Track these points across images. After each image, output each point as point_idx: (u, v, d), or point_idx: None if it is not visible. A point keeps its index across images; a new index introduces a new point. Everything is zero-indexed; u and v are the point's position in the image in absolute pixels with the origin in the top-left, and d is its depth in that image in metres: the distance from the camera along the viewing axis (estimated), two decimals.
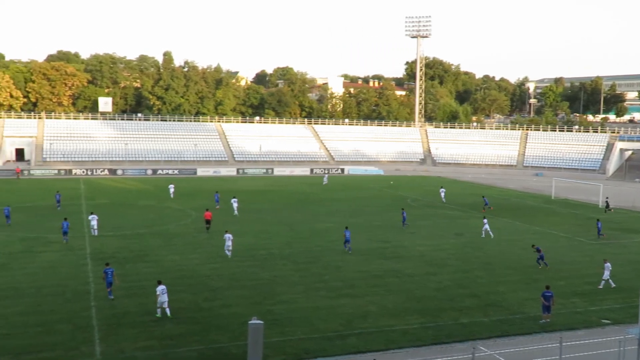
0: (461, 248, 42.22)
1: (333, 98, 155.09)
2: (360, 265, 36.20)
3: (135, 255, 37.37)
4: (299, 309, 27.66)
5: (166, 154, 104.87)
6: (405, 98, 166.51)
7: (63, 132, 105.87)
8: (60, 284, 30.69)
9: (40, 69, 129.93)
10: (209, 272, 33.80)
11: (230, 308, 27.59)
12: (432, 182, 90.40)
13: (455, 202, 66.41)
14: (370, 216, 55.10)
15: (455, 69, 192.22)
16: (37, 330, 24.15)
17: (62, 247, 39.08)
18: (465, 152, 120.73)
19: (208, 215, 46.52)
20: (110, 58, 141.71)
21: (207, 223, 46.13)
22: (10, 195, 62.85)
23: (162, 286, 26.44)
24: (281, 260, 37.01)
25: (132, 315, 26.19)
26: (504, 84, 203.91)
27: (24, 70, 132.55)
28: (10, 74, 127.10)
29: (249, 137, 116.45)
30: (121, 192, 71.08)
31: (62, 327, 24.54)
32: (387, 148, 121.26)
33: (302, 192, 73.70)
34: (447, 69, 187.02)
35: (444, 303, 29.18)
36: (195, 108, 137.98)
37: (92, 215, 44.61)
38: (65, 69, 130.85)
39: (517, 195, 75.61)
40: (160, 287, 26.41)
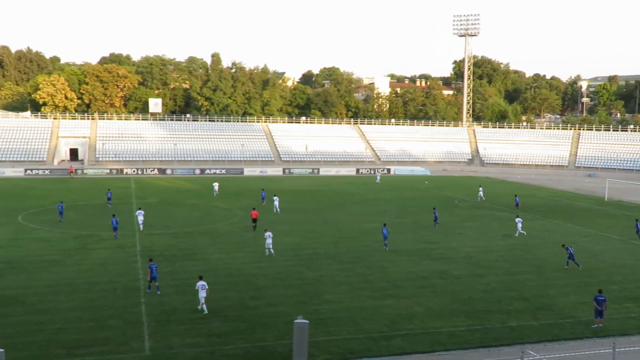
0: (510, 250, 41.45)
1: (379, 98, 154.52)
2: (406, 266, 35.95)
3: (184, 254, 38.03)
4: (344, 309, 27.66)
5: (214, 154, 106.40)
6: (452, 98, 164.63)
7: (115, 132, 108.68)
8: (112, 280, 31.51)
9: (94, 71, 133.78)
10: (254, 270, 34.13)
11: (275, 307, 27.79)
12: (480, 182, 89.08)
13: (503, 203, 65.28)
14: (416, 216, 54.67)
15: (505, 67, 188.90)
16: (89, 325, 24.85)
17: (114, 245, 40.11)
18: (514, 152, 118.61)
19: (254, 214, 47.05)
20: (160, 60, 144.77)
21: (254, 222, 46.70)
22: (64, 194, 64.85)
23: (202, 282, 27.00)
24: (326, 260, 37.08)
25: (180, 312, 26.67)
26: (555, 83, 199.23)
27: (78, 72, 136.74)
28: (65, 77, 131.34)
29: (295, 137, 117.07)
30: (170, 191, 72.47)
31: (113, 323, 25.19)
32: (434, 148, 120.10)
33: (348, 192, 73.65)
34: (496, 68, 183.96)
35: (492, 305, 28.70)
36: (243, 108, 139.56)
37: (139, 211, 46.07)
38: (117, 71, 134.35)
39: (568, 196, 73.82)
40: (200, 282, 26.97)
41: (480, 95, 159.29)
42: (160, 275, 32.25)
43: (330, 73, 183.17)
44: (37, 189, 71.31)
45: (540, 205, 64.81)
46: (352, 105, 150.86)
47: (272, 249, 37.91)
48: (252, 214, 47.31)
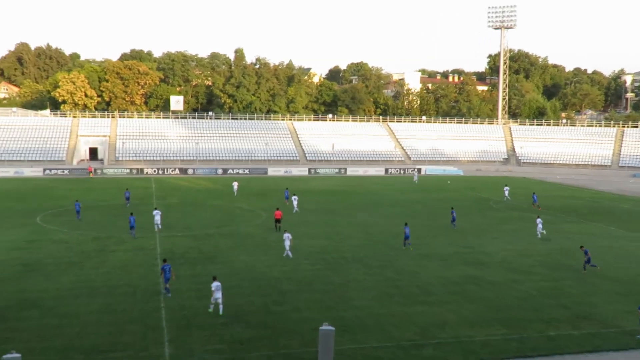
0: (548, 254, 40.86)
1: (410, 94, 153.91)
2: (438, 271, 35.67)
3: (205, 256, 38.26)
4: (371, 316, 27.52)
5: (237, 153, 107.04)
6: (487, 93, 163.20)
7: (135, 131, 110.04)
8: (132, 283, 31.81)
9: (114, 68, 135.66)
10: (279, 274, 34.17)
11: (300, 312, 27.77)
12: (517, 183, 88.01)
13: (542, 205, 64.42)
14: (449, 219, 54.20)
15: (543, 61, 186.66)
16: (108, 330, 25.10)
17: (134, 247, 40.53)
18: (553, 151, 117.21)
19: (278, 215, 47.41)
20: (182, 56, 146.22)
21: (277, 222, 47.07)
22: (84, 194, 65.78)
23: (217, 282, 27.46)
24: (354, 264, 36.97)
25: (201, 317, 26.79)
26: (597, 77, 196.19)
27: (98, 69, 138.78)
28: (85, 74, 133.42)
29: (321, 135, 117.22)
30: (191, 191, 73.04)
31: (132, 328, 25.41)
32: (468, 147, 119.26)
33: (377, 193, 73.40)
34: (534, 62, 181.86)
35: (529, 314, 28.30)
36: (267, 106, 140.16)
37: (155, 211, 46.82)
38: (138, 68, 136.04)
39: (611, 198, 72.58)
40: (215, 283, 27.42)
41: (516, 91, 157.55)
42: (181, 278, 32.53)
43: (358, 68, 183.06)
44: (55, 189, 72.49)
45: (581, 208, 63.82)
46: (381, 102, 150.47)
47: (290, 251, 38.16)
48: (275, 214, 47.66)
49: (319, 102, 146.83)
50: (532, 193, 63.68)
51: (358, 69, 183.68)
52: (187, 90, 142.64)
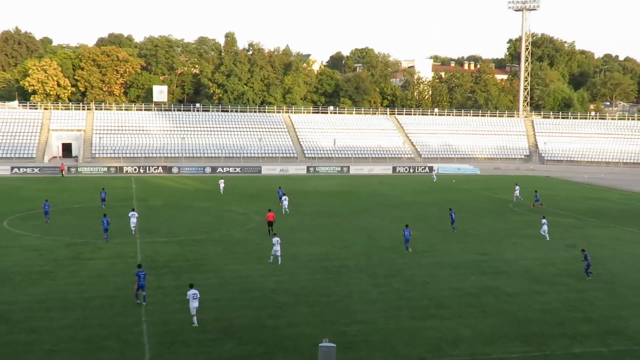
0: (574, 262, 40.92)
1: (420, 84, 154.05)
2: (452, 281, 35.76)
3: (192, 265, 38.33)
4: (377, 331, 27.60)
5: (227, 150, 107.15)
6: (507, 83, 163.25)
7: (114, 124, 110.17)
8: (110, 295, 31.88)
9: (90, 55, 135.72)
10: (274, 285, 34.25)
11: (298, 327, 27.85)
12: (540, 183, 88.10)
13: (567, 208, 64.54)
14: (464, 223, 54.33)
15: (569, 47, 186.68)
16: (84, 347, 25.16)
17: (112, 254, 40.60)
18: (580, 147, 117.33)
19: (270, 217, 47.72)
20: (166, 41, 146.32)
21: (269, 225, 47.41)
22: (56, 195, 65.85)
23: (194, 290, 27.92)
24: (357, 274, 37.05)
25: (187, 333, 26.86)
26: (629, 65, 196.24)
27: (73, 56, 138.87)
28: (58, 61, 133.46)
29: (321, 129, 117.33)
30: (177, 192, 73.13)
31: (110, 344, 25.47)
32: (485, 143, 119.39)
33: (383, 194, 73.47)
34: (559, 48, 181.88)
35: (553, 328, 28.40)
36: (261, 97, 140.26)
37: (132, 212, 47.28)
38: (116, 54, 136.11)
39: None
40: (191, 291, 27.87)
41: (540, 80, 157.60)
42: (165, 290, 32.60)
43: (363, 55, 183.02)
44: (25, 189, 72.59)
45: (610, 210, 63.92)
46: (389, 93, 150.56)
47: (279, 257, 38.57)
48: (267, 217, 47.96)
49: (319, 93, 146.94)
50: (534, 191, 64.08)
51: (363, 55, 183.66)
52: (171, 80, 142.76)
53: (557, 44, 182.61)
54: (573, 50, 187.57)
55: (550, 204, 66.58)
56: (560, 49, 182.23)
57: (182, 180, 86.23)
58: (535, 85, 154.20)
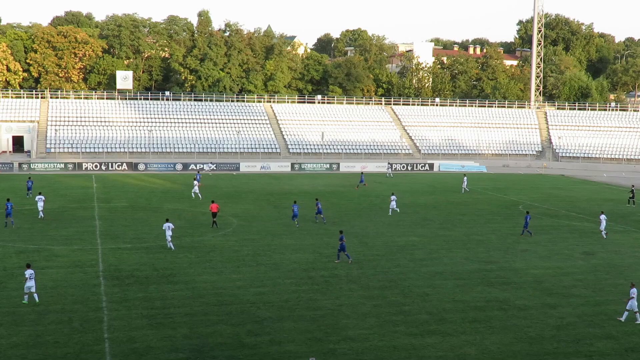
0: (592, 272, 41.18)
1: (420, 70, 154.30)
2: (455, 293, 35.88)
3: (161, 275, 38.26)
4: (371, 349, 27.68)
5: (201, 144, 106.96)
6: (517, 70, 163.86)
7: (71, 115, 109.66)
8: (67, 309, 31.76)
9: (44, 35, 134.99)
10: (254, 297, 34.25)
11: (281, 345, 27.88)
12: (553, 182, 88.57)
13: (584, 210, 64.88)
14: (468, 228, 54.52)
15: (587, 29, 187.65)
16: None
17: (69, 262, 40.44)
18: (598, 142, 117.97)
19: (214, 208, 51.69)
20: (130, 20, 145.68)
21: (214, 216, 51.50)
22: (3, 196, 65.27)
23: (31, 270, 32.22)
24: (348, 284, 37.11)
25: (155, 352, 26.82)
26: None
27: (24, 37, 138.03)
28: (7, 42, 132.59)
29: (308, 121, 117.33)
30: (143, 192, 72.92)
31: None
32: (492, 137, 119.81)
33: (378, 195, 73.55)
34: (576, 30, 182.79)
35: (568, 346, 28.58)
36: (239, 84, 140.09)
37: (39, 197, 54.09)
38: (74, 35, 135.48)
39: None
40: (28, 271, 32.08)
41: (554, 67, 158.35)
42: (130, 302, 32.57)
43: (355, 37, 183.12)
44: None
45: (633, 213, 64.35)
46: (384, 80, 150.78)
47: (172, 243, 43.85)
48: (211, 208, 51.98)
49: (305, 80, 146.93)
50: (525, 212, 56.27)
51: (354, 37, 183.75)
52: (137, 64, 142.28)
53: (573, 26, 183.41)
54: (591, 33, 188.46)
55: (565, 206, 66.91)
56: (576, 31, 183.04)
57: (150, 178, 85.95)
58: (548, 73, 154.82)
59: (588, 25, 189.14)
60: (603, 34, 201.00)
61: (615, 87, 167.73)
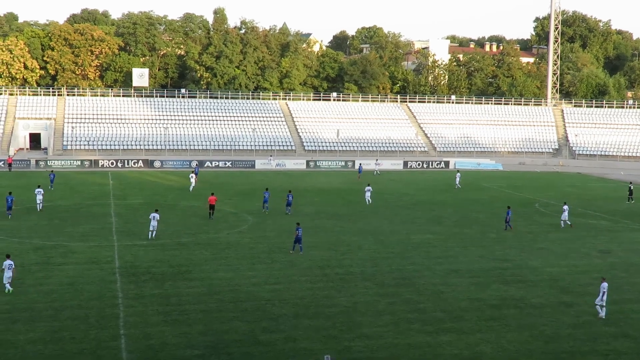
0: (609, 270, 40.93)
1: (435, 67, 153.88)
2: (470, 291, 35.80)
3: (177, 271, 38.39)
4: (385, 347, 27.68)
5: (216, 141, 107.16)
6: (533, 67, 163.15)
7: (88, 112, 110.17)
8: (83, 305, 31.95)
9: (61, 33, 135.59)
10: (269, 294, 34.32)
11: (296, 342, 27.92)
12: (570, 180, 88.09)
13: (601, 209, 64.50)
14: (484, 226, 54.37)
15: (605, 26, 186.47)
16: None
17: (86, 259, 40.66)
18: (616, 140, 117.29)
19: (212, 200, 54.37)
20: (146, 18, 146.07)
21: (211, 209, 54.13)
22: (22, 193, 65.65)
23: (10, 261, 33.49)
24: (363, 282, 37.11)
25: (171, 348, 26.93)
26: None
27: (42, 34, 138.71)
28: (25, 40, 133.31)
29: (323, 119, 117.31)
30: (159, 189, 73.17)
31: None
32: (508, 134, 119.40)
33: (393, 192, 73.45)
34: (593, 27, 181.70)
35: (584, 345, 28.48)
36: (255, 82, 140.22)
37: (38, 189, 56.00)
38: (91, 33, 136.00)
39: None
40: (7, 262, 33.32)
41: (570, 64, 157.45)
42: (146, 299, 32.70)
43: (371, 35, 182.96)
44: None
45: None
46: (399, 78, 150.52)
47: (154, 232, 46.10)
48: (209, 200, 54.62)
49: (320, 77, 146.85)
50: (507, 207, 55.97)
51: (370, 35, 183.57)
52: (153, 62, 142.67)
53: (590, 23, 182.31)
54: (609, 30, 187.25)
55: (581, 204, 66.52)
56: (594, 28, 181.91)
57: (166, 175, 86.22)
58: (565, 70, 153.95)
59: (605, 22, 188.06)
60: (621, 31, 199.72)
61: (633, 84, 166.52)
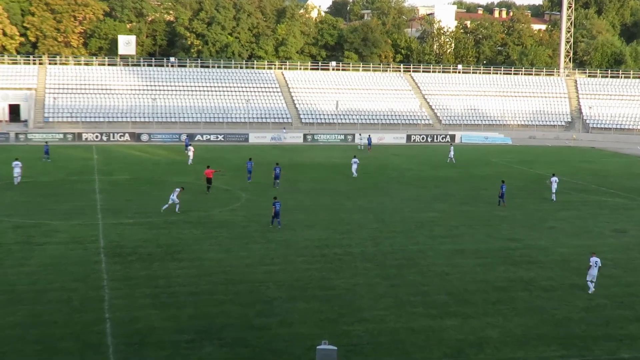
0: (624, 251, 41.00)
1: (441, 35, 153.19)
2: (476, 273, 35.81)
3: (165, 252, 38.34)
4: (387, 331, 27.71)
5: (208, 114, 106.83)
6: (545, 35, 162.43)
7: (71, 82, 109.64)
8: (66, 287, 31.91)
9: None
10: (263, 276, 34.30)
11: (292, 327, 27.94)
12: (583, 155, 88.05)
13: (616, 185, 64.49)
14: (491, 204, 54.32)
15: None
16: (35, 349, 25.20)
17: (69, 238, 40.58)
18: (632, 112, 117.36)
19: (209, 174, 55.27)
20: None
21: (208, 183, 55.04)
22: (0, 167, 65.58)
23: None
24: (363, 263, 37.10)
25: (159, 333, 26.93)
26: None
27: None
28: (3, 4, 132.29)
29: (321, 90, 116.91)
30: (147, 164, 73.07)
31: (67, 346, 25.53)
32: (518, 107, 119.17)
33: (396, 168, 73.39)
34: None
35: (597, 329, 28.51)
36: (249, 50, 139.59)
37: (15, 162, 56.85)
38: None
39: None
40: None
41: (585, 32, 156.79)
42: (133, 281, 32.70)
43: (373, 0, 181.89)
44: None
45: None
46: (403, 46, 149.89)
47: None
48: (205, 173, 55.51)
49: (318, 45, 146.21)
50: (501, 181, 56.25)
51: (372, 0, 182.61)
52: (140, 28, 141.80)
53: None
54: None
55: (595, 180, 66.50)
56: None
57: (154, 149, 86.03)
58: (579, 38, 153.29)
59: None
60: None
61: None
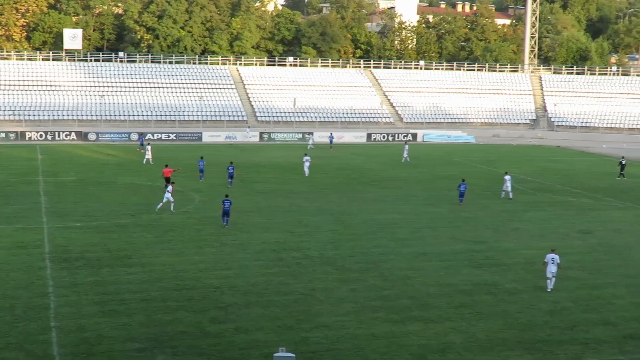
0: (590, 252, 41.60)
1: (402, 30, 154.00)
2: (439, 276, 36.07)
3: (114, 256, 38.06)
4: (347, 337, 27.79)
5: (159, 111, 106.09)
6: (510, 30, 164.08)
7: (13, 78, 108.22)
8: (9, 294, 31.53)
9: None
10: (218, 281, 34.22)
11: (248, 334, 27.91)
12: (548, 154, 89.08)
13: (581, 185, 65.35)
14: (455, 204, 54.74)
15: None
16: None
17: (12, 243, 40.11)
18: (598, 110, 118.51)
19: (167, 173, 55.24)
20: None
21: (167, 182, 53.60)
22: None
23: None
24: (322, 267, 37.18)
25: (108, 342, 26.72)
26: None
27: None
28: None
29: (278, 86, 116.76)
30: (94, 164, 72.38)
31: (10, 356, 25.22)
32: (482, 104, 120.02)
33: (356, 168, 73.60)
34: None
35: (562, 333, 28.87)
36: (202, 44, 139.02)
37: None
38: None
39: None
40: None
41: (550, 27, 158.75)
42: (80, 287, 32.42)
43: None
44: None
45: (634, 189, 64.89)
46: (363, 41, 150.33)
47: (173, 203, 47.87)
48: (164, 172, 55.66)
49: (275, 40, 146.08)
50: (461, 180, 57.00)
51: None
52: (87, 21, 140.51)
53: None
54: None
55: (561, 180, 67.34)
56: None
57: (102, 149, 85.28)
58: (544, 33, 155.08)
59: None
60: None
61: (617, 49, 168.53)
